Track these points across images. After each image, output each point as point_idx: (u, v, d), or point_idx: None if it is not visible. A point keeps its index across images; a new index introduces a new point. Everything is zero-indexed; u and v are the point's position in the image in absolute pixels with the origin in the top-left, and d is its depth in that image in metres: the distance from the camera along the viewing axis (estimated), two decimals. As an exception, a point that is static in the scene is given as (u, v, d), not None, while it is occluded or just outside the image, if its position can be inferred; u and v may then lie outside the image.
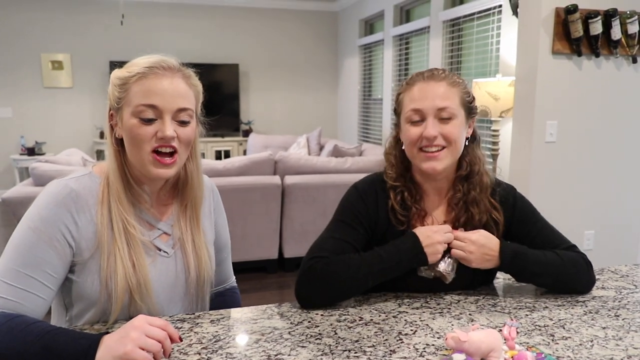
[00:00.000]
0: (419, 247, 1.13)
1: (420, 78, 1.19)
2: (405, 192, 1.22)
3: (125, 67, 1.04)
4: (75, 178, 1.04)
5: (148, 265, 1.05)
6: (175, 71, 1.04)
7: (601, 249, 2.95)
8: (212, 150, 6.44)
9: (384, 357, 0.90)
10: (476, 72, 3.99)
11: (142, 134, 1.00)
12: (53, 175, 3.02)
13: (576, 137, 2.80)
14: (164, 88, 1.01)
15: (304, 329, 1.02)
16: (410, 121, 1.17)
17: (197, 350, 0.93)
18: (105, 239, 1.01)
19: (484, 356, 0.87)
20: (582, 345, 0.95)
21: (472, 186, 1.21)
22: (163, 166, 1.02)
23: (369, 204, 1.22)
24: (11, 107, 6.05)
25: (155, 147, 1.01)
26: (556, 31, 2.65)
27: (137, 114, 1.00)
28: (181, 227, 1.12)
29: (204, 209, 1.19)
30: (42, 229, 0.96)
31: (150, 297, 1.05)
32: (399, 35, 5.23)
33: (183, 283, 1.12)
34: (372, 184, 1.26)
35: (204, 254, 1.15)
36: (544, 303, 1.16)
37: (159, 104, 1.00)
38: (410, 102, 1.17)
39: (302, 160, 3.66)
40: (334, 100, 7.16)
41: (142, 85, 1.00)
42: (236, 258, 3.59)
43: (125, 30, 6.11)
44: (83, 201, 1.01)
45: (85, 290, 1.02)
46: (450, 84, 1.17)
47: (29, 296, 0.94)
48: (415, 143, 1.17)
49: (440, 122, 1.15)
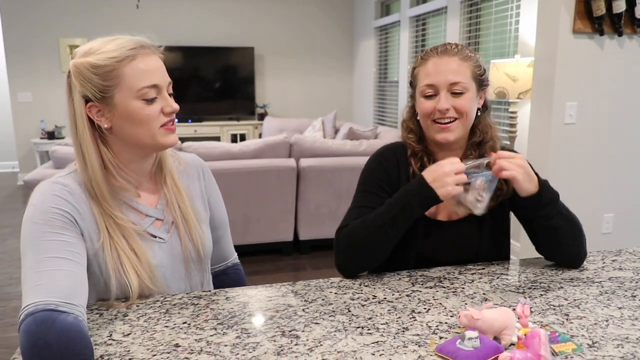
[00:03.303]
0: (423, 184, 1.13)
1: (434, 53, 1.24)
2: (425, 157, 1.28)
3: (96, 54, 1.00)
4: (62, 176, 1.03)
5: (148, 252, 1.06)
6: (151, 48, 1.06)
7: (620, 232, 2.91)
8: (228, 133, 6.47)
9: (396, 334, 0.91)
10: (494, 53, 3.91)
11: (149, 113, 1.02)
12: (72, 158, 3.06)
13: (596, 118, 2.75)
14: (156, 66, 1.03)
15: (317, 307, 1.03)
16: (424, 95, 1.23)
17: (214, 326, 0.95)
18: (105, 233, 1.02)
19: (497, 334, 0.87)
20: (597, 325, 0.94)
21: (485, 151, 1.26)
22: (172, 133, 1.06)
23: (389, 169, 1.29)
24: (31, 92, 6.14)
25: (164, 122, 1.04)
26: (577, 9, 2.58)
27: (140, 96, 1.00)
28: (172, 209, 1.12)
29: (194, 190, 1.20)
30: (49, 218, 0.95)
31: (158, 280, 1.07)
32: (416, 16, 5.15)
33: (182, 264, 1.14)
34: (392, 150, 1.32)
35: (199, 233, 1.15)
36: (558, 283, 1.15)
37: (159, 82, 1.03)
38: (425, 77, 1.23)
39: (317, 143, 3.65)
40: (349, 83, 7.11)
41: (134, 68, 1.00)
42: (252, 240, 3.67)
43: (141, 14, 6.13)
44: (77, 195, 1.01)
45: (99, 284, 1.03)
46: (462, 59, 1.21)
47: (59, 273, 0.89)
48: (429, 115, 1.22)
49: (453, 95, 1.20)
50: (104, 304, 1.04)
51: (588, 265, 1.27)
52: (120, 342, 0.89)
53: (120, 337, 0.91)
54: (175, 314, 1.00)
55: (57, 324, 0.80)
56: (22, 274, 0.90)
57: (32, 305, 0.83)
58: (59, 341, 0.79)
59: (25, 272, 0.90)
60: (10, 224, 4.57)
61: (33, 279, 0.87)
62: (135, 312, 1.01)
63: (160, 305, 1.04)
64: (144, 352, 0.86)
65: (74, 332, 0.81)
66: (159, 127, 1.03)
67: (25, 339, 0.79)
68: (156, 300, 1.06)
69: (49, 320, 0.81)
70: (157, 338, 0.90)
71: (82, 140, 1.02)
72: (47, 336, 0.79)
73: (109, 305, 1.03)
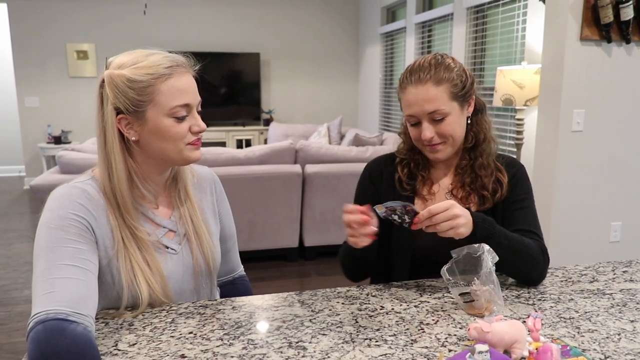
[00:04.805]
0: None
1: (409, 82, 1.22)
2: (412, 164, 1.32)
3: (132, 68, 1.00)
4: (81, 182, 1.03)
5: (160, 263, 1.07)
6: (187, 67, 1.07)
7: (629, 241, 2.88)
8: (234, 139, 6.47)
9: (405, 346, 0.90)
10: (501, 60, 3.90)
11: (179, 132, 1.04)
12: (79, 163, 3.08)
13: (604, 126, 2.73)
14: (190, 85, 1.05)
15: (324, 317, 1.02)
16: (409, 123, 1.26)
17: (220, 336, 0.94)
18: (120, 244, 1.02)
19: (507, 347, 0.86)
20: (609, 339, 0.93)
21: (479, 153, 1.28)
22: (197, 149, 1.08)
23: (374, 180, 1.36)
24: (38, 97, 6.18)
25: (192, 141, 1.07)
26: (585, 17, 2.57)
27: (172, 114, 1.02)
28: (185, 222, 1.13)
29: (206, 203, 1.21)
30: (65, 224, 0.95)
31: (169, 292, 1.08)
32: (422, 23, 5.15)
33: (192, 276, 1.14)
34: (378, 162, 1.39)
35: (211, 246, 1.16)
36: (569, 295, 1.14)
37: (190, 102, 1.04)
38: (406, 106, 1.24)
39: (322, 149, 3.65)
40: (355, 89, 7.11)
41: (170, 86, 1.01)
42: (257, 246, 3.65)
43: (148, 20, 6.17)
44: (95, 202, 1.01)
45: (107, 289, 1.03)
46: (437, 83, 1.18)
47: (71, 282, 0.89)
48: (418, 141, 1.26)
49: (434, 122, 1.21)
50: (109, 313, 1.03)
51: (598, 277, 1.25)
52: (125, 352, 0.88)
53: (126, 347, 0.90)
54: (181, 324, 0.99)
55: (66, 334, 0.80)
56: (33, 279, 0.90)
57: (42, 314, 0.83)
58: (69, 351, 0.78)
59: (36, 278, 0.89)
60: (17, 228, 4.58)
61: (44, 286, 0.87)
62: (141, 322, 1.00)
63: (166, 314, 1.03)
64: (149, 362, 0.85)
65: (83, 342, 0.80)
66: (186, 145, 1.05)
67: (34, 347, 0.79)
68: (162, 309, 1.06)
69: (59, 329, 0.80)
70: (163, 348, 0.90)
71: (110, 151, 1.02)
72: (56, 346, 0.78)
73: (118, 315, 1.02)
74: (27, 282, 3.28)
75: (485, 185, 1.27)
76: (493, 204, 1.26)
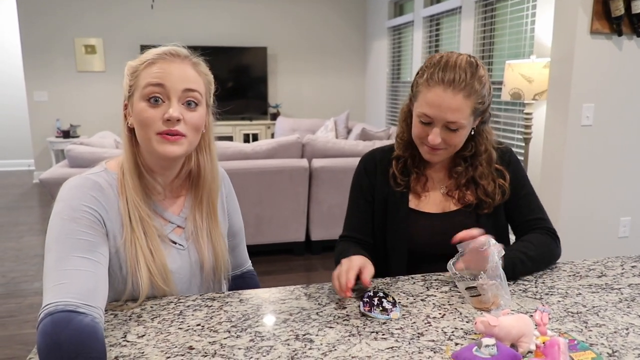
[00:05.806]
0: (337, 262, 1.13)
1: (441, 82, 1.15)
2: (409, 160, 1.32)
3: (138, 58, 1.06)
4: (93, 174, 1.04)
5: (166, 256, 1.07)
6: (183, 58, 1.05)
7: (638, 236, 2.86)
8: (241, 133, 6.48)
9: (411, 339, 0.90)
10: (509, 54, 3.87)
11: (149, 116, 0.99)
12: (87, 157, 3.10)
13: (614, 120, 2.70)
14: (171, 71, 1.01)
15: (331, 310, 1.02)
16: (419, 119, 1.22)
17: (227, 328, 0.94)
18: (128, 229, 1.02)
19: (514, 341, 0.86)
20: (617, 333, 0.93)
21: (479, 162, 1.28)
22: (169, 143, 1.00)
23: (369, 173, 1.36)
24: (47, 91, 6.21)
25: (162, 131, 1.00)
26: (595, 10, 2.54)
27: (145, 95, 1.00)
28: (196, 220, 1.13)
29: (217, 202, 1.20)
30: (77, 216, 0.96)
31: (171, 282, 1.08)
32: (430, 16, 5.12)
33: (199, 274, 1.14)
34: (372, 155, 1.39)
35: (221, 247, 1.17)
36: (576, 289, 1.13)
37: (166, 83, 1.00)
38: (425, 104, 1.18)
39: (329, 143, 3.65)
40: (362, 83, 7.09)
41: (150, 70, 1.02)
42: (263, 240, 3.66)
43: (155, 14, 6.17)
44: (107, 194, 1.02)
45: (115, 279, 1.03)
46: (467, 95, 1.15)
47: (81, 273, 0.89)
48: (420, 138, 1.24)
49: (447, 130, 1.19)
50: (118, 305, 1.04)
51: (607, 272, 1.24)
52: (134, 344, 0.89)
53: (135, 338, 0.91)
54: (189, 316, 1.00)
55: (71, 325, 0.81)
56: (44, 270, 0.91)
57: (52, 305, 0.84)
58: (70, 342, 0.79)
59: (47, 269, 0.90)
60: (26, 221, 4.63)
61: (55, 277, 0.88)
62: (149, 314, 1.01)
63: (174, 306, 1.04)
64: (157, 354, 0.86)
65: (87, 333, 0.81)
66: (155, 133, 1.00)
67: (41, 339, 0.80)
68: (170, 301, 1.07)
69: (65, 321, 0.81)
70: (171, 340, 0.90)
71: (122, 138, 1.07)
72: (59, 336, 0.79)
73: (123, 307, 1.03)
74: (37, 274, 3.31)
75: (489, 193, 1.27)
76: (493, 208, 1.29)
